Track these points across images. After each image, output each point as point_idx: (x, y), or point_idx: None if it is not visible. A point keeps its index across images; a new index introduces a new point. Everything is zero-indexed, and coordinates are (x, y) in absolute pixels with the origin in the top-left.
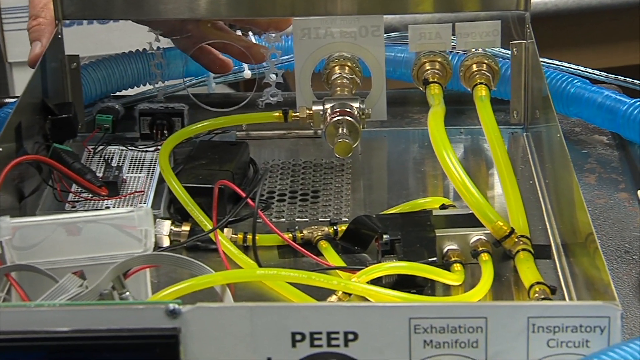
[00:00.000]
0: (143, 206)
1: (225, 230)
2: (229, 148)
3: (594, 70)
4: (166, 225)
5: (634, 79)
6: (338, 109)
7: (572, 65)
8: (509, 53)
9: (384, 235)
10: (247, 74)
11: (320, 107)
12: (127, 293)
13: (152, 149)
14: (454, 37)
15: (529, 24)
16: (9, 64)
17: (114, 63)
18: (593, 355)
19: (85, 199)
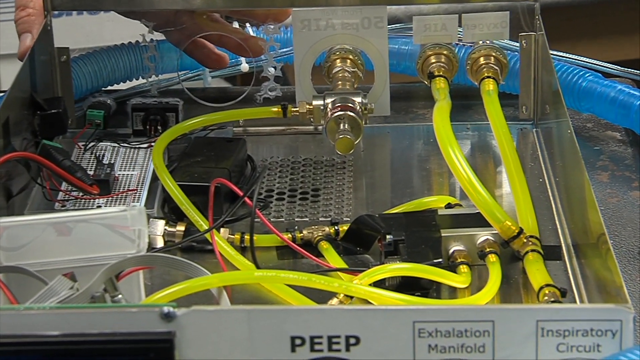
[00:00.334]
0: (136, 205)
1: (222, 230)
2: (225, 145)
3: (606, 63)
4: (160, 225)
5: None
6: (339, 104)
7: (584, 58)
8: (517, 45)
9: (387, 236)
10: (245, 67)
11: (321, 102)
12: (120, 296)
13: (146, 145)
14: (460, 29)
15: (538, 15)
16: None
17: (106, 56)
18: None
19: (75, 197)
